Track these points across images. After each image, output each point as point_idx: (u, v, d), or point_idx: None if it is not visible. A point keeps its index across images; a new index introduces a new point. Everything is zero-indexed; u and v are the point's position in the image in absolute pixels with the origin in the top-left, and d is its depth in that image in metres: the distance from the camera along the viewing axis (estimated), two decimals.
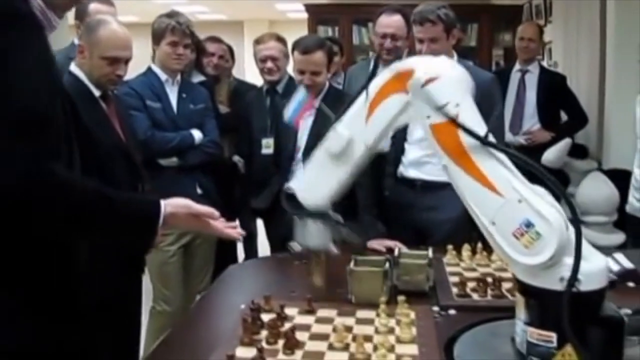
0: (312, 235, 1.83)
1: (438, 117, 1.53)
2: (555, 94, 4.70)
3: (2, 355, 1.33)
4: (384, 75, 1.64)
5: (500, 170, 1.49)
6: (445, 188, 2.37)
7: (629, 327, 1.51)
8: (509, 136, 4.35)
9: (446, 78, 1.55)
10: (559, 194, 1.45)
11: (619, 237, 3.86)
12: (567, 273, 1.39)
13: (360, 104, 1.67)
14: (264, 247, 3.64)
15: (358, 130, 1.66)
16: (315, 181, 1.75)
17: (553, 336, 1.44)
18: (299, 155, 3.00)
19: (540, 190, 1.48)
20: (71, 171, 1.43)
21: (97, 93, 2.56)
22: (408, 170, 2.99)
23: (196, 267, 3.31)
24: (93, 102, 2.53)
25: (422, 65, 1.60)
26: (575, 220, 1.40)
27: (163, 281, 3.03)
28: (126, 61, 2.59)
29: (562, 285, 1.40)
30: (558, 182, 1.44)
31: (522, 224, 1.43)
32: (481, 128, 1.52)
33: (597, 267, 1.43)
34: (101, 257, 1.56)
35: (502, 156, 1.51)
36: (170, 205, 1.55)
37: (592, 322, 1.44)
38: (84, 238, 1.50)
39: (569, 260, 1.40)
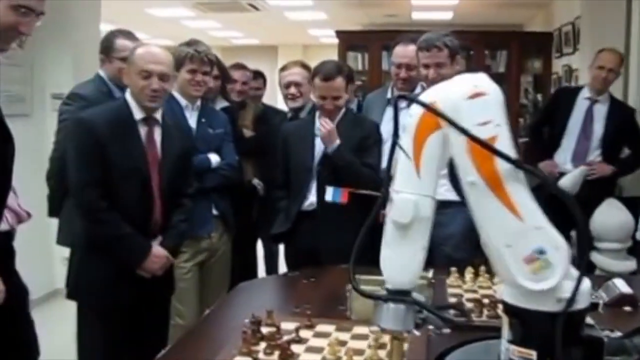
0: (393, 318, 1.62)
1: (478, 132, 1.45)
2: (622, 128, 4.36)
3: None
4: (410, 124, 1.54)
5: (524, 195, 1.46)
6: (448, 206, 2.40)
7: (609, 348, 1.57)
8: (569, 167, 4.30)
9: (494, 96, 1.50)
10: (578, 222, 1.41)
11: (632, 264, 3.84)
12: (565, 294, 1.43)
13: (403, 163, 1.55)
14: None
15: (416, 188, 1.53)
16: (397, 261, 1.58)
17: (533, 354, 1.48)
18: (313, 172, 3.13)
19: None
20: None
21: (139, 116, 2.70)
22: None
23: (212, 283, 3.39)
24: (130, 127, 2.68)
25: (458, 85, 1.53)
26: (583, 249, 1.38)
27: (178, 296, 3.09)
28: (161, 77, 2.68)
29: (558, 307, 1.43)
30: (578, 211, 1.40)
31: (535, 251, 1.44)
32: (513, 151, 1.47)
33: (582, 288, 1.45)
34: None
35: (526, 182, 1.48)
36: None
37: (573, 341, 1.47)
38: None
39: (565, 283, 1.44)
